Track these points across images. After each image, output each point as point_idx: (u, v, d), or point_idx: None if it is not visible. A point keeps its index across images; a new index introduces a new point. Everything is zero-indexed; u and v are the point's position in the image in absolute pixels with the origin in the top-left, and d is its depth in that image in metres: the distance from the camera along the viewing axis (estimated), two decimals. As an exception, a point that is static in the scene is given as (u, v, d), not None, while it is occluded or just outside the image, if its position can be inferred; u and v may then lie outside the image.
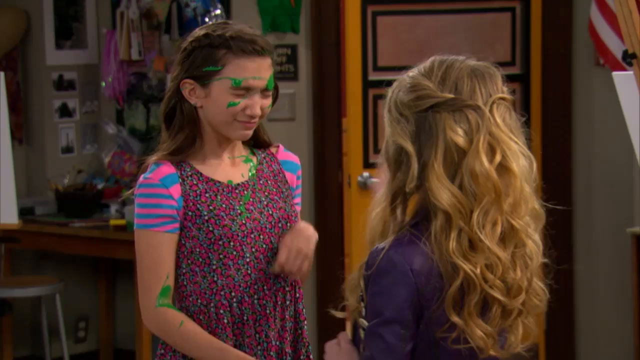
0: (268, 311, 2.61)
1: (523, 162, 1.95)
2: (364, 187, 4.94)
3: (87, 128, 5.90)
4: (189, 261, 2.58)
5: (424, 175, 1.94)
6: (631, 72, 3.08)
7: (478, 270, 1.90)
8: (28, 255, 5.77)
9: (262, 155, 2.74)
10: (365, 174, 4.94)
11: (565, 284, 5.10)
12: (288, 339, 2.65)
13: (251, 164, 2.69)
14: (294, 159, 2.81)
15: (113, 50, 5.66)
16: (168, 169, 2.57)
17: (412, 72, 2.02)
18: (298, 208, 2.80)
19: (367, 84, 4.97)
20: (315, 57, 5.15)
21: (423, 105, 1.95)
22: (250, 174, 2.67)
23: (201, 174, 2.60)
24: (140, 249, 2.58)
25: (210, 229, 2.56)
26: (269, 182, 2.69)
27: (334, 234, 5.22)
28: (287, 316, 2.65)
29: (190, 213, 2.57)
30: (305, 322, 2.69)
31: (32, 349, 5.82)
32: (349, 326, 6.11)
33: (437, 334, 1.93)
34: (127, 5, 5.56)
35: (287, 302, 2.65)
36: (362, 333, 2.00)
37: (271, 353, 2.61)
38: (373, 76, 4.97)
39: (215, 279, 2.58)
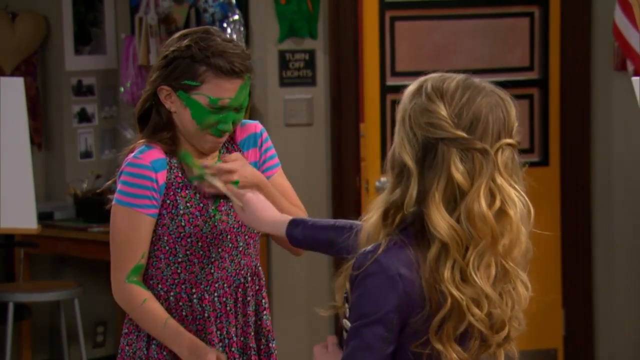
0: (228, 308, 2.66)
1: (520, 209, 1.99)
2: (382, 192, 4.94)
3: (106, 133, 5.92)
4: (155, 247, 2.63)
5: (423, 200, 1.97)
6: (650, 77, 3.07)
7: (464, 303, 1.95)
8: (47, 260, 5.79)
9: (225, 146, 2.74)
10: (383, 179, 4.94)
11: (584, 290, 5.07)
12: (251, 333, 2.70)
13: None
14: (252, 129, 2.78)
15: (132, 56, 5.67)
16: (159, 154, 2.62)
17: (434, 85, 2.03)
18: (270, 172, 2.78)
19: (385, 89, 4.97)
20: (333, 62, 5.15)
21: (434, 134, 1.98)
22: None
23: (185, 169, 2.65)
24: (119, 226, 2.62)
25: (182, 224, 2.61)
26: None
27: (352, 239, 5.21)
28: (249, 311, 2.70)
29: (168, 201, 2.61)
30: (265, 312, 2.74)
31: (50, 354, 5.83)
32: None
33: (411, 347, 1.97)
34: (146, 10, 5.57)
35: (248, 298, 2.70)
36: (345, 334, 2.04)
37: (232, 349, 2.66)
38: (391, 81, 4.97)
39: (178, 271, 2.63)
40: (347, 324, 2.02)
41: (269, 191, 2.68)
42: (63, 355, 5.30)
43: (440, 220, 1.94)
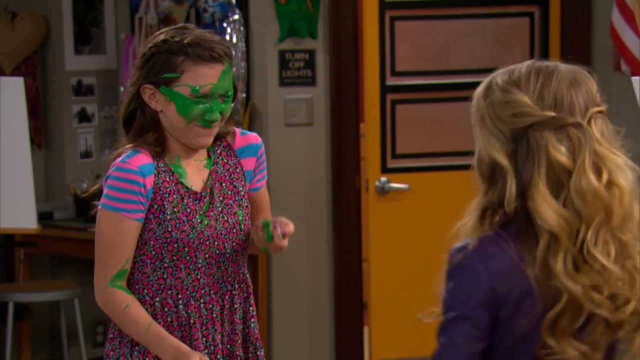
0: (214, 315, 2.65)
1: (629, 176, 1.92)
2: (382, 192, 4.94)
3: (106, 133, 5.91)
4: (141, 252, 2.62)
5: (527, 195, 1.89)
6: (650, 77, 3.07)
7: (583, 290, 1.86)
8: (47, 260, 5.79)
9: (218, 151, 2.72)
10: (383, 178, 4.94)
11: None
12: (238, 341, 2.68)
13: (208, 168, 2.69)
14: (253, 139, 2.77)
15: (132, 56, 5.67)
16: (146, 158, 2.60)
17: (504, 79, 1.94)
18: (260, 184, 2.79)
19: (384, 89, 4.97)
20: (333, 62, 5.15)
21: (521, 123, 1.90)
22: (208, 178, 2.68)
23: (173, 173, 2.63)
24: (104, 230, 2.60)
25: (169, 229, 2.59)
26: (224, 184, 2.69)
27: (352, 239, 5.21)
28: (236, 319, 2.69)
29: (155, 206, 2.60)
30: (253, 320, 2.72)
31: (50, 354, 5.83)
32: (366, 331, 6.06)
33: (536, 352, 1.89)
34: (146, 10, 5.57)
35: (236, 305, 2.69)
36: None
37: (218, 356, 2.65)
38: (391, 81, 4.97)
39: (164, 276, 2.62)
40: None
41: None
42: (63, 355, 5.30)
43: (549, 211, 1.85)
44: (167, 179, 2.62)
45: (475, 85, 2.05)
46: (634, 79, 3.34)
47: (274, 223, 2.61)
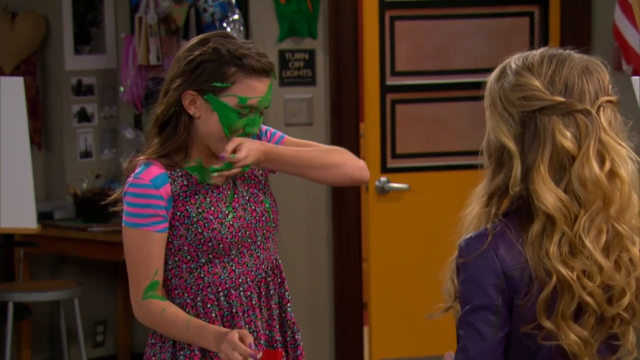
0: (254, 302, 2.69)
1: (631, 167, 1.92)
2: (382, 191, 4.94)
3: (106, 133, 5.92)
4: (176, 258, 2.64)
5: (528, 178, 1.90)
6: (650, 77, 3.07)
7: (575, 275, 1.86)
8: (47, 260, 5.79)
9: None
10: (383, 178, 4.94)
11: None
12: (276, 326, 2.73)
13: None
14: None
15: (131, 55, 5.67)
16: (158, 169, 2.62)
17: (518, 64, 1.97)
18: (283, 140, 2.83)
19: (384, 89, 4.97)
20: (333, 62, 5.16)
21: (530, 106, 1.91)
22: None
23: (190, 175, 2.64)
24: (129, 247, 2.63)
25: (200, 230, 2.62)
26: (245, 175, 2.72)
27: (352, 239, 5.21)
28: (272, 304, 2.73)
29: (178, 213, 2.62)
30: (289, 304, 2.77)
31: (50, 353, 5.84)
32: (366, 331, 6.04)
33: (522, 329, 1.89)
34: (146, 10, 5.57)
35: (271, 292, 2.74)
36: None
37: (261, 342, 2.69)
38: (391, 81, 4.97)
39: (201, 275, 2.65)
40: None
41: (278, 153, 2.69)
42: (63, 355, 5.30)
43: (546, 193, 1.87)
44: (185, 183, 2.63)
45: (475, 85, 2.05)
46: (634, 78, 3.34)
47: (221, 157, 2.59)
